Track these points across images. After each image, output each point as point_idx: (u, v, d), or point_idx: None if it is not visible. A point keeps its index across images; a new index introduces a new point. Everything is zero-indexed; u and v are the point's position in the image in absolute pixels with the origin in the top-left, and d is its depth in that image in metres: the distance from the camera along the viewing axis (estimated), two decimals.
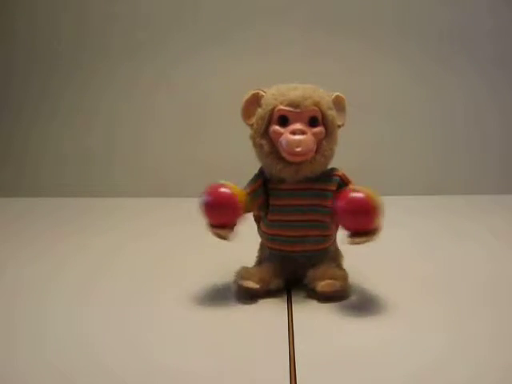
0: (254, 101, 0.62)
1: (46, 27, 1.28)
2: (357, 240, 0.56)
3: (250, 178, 0.63)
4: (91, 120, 1.31)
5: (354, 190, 0.57)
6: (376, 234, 0.56)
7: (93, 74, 1.29)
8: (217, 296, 0.63)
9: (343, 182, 0.62)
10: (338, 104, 0.63)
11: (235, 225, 0.59)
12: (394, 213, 1.06)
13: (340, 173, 0.62)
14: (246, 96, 0.62)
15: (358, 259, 0.63)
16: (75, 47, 1.29)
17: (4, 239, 0.92)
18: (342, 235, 0.62)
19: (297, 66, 1.20)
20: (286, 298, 0.62)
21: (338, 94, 0.63)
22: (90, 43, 1.28)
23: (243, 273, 0.61)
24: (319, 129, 0.60)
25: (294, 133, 0.59)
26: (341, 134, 0.63)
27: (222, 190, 0.58)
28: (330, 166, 0.63)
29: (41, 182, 1.31)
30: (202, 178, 1.28)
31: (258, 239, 0.67)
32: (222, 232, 0.58)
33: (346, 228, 0.57)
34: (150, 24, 1.27)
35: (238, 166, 0.96)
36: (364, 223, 0.56)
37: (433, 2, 1.22)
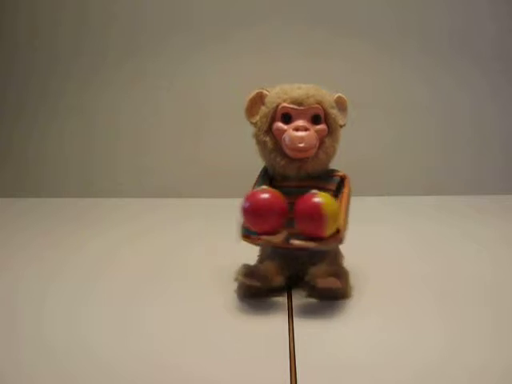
0: (258, 99, 0.63)
1: (46, 27, 1.28)
2: (296, 242, 0.56)
3: (256, 178, 0.63)
4: (91, 120, 1.31)
5: (312, 195, 0.56)
6: (325, 242, 0.56)
7: (93, 73, 1.29)
8: (218, 295, 0.63)
9: (342, 184, 0.62)
10: (340, 104, 0.64)
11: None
12: (394, 213, 1.06)
13: (341, 173, 0.63)
14: (250, 95, 0.63)
15: (358, 259, 0.63)
16: (75, 47, 1.29)
17: (4, 239, 0.92)
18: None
19: (297, 65, 1.20)
20: (286, 296, 0.62)
21: (339, 94, 0.64)
22: (90, 43, 1.28)
23: (244, 271, 0.61)
24: (322, 126, 0.61)
25: (297, 129, 0.60)
26: (341, 134, 0.63)
27: (266, 195, 0.57)
28: (332, 166, 0.63)
29: (41, 183, 1.31)
30: (201, 179, 1.29)
31: None
32: (275, 238, 0.57)
33: (299, 230, 0.57)
34: (150, 24, 1.27)
35: (237, 167, 0.96)
36: (311, 228, 0.56)
37: (434, 1, 1.22)
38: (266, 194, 0.57)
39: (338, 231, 0.57)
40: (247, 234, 0.59)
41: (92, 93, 1.30)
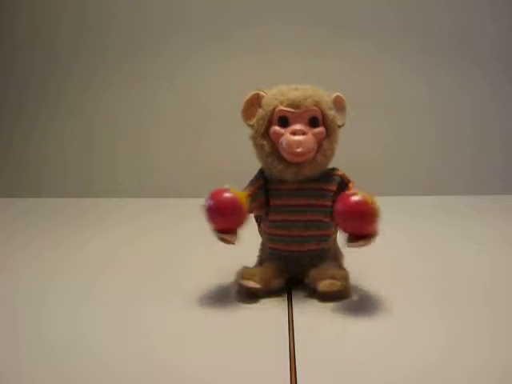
0: (255, 101, 0.62)
1: (46, 27, 1.28)
2: (354, 244, 0.56)
3: (251, 179, 0.63)
4: (91, 120, 1.31)
5: (353, 194, 0.57)
6: (373, 238, 0.57)
7: (93, 73, 1.29)
8: (218, 296, 0.63)
9: (343, 182, 0.62)
10: (338, 104, 0.63)
11: (240, 229, 0.59)
12: (394, 213, 1.06)
13: (340, 173, 0.63)
14: (247, 96, 0.62)
15: (358, 259, 0.63)
16: (75, 47, 1.29)
17: (4, 239, 0.92)
18: (342, 235, 0.62)
19: (297, 65, 1.20)
20: (286, 297, 0.62)
21: (338, 94, 0.63)
22: (90, 43, 1.28)
23: (244, 273, 0.61)
24: (320, 129, 0.60)
25: (294, 133, 0.59)
26: (341, 134, 0.63)
27: (226, 195, 0.58)
28: (331, 166, 0.63)
29: (41, 183, 1.31)
30: (201, 179, 1.29)
31: (259, 239, 0.67)
32: (227, 237, 0.58)
33: (344, 231, 0.57)
34: (150, 24, 1.27)
35: (237, 167, 0.96)
36: (361, 227, 0.56)
37: (434, 1, 1.22)
38: (225, 194, 0.58)
39: None
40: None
41: (92, 93, 1.30)
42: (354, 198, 0.56)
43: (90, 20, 1.28)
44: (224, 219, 0.58)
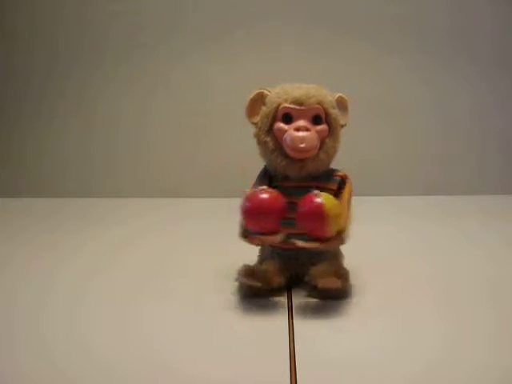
0: (259, 99, 0.63)
1: (46, 27, 1.28)
2: (300, 243, 0.56)
3: (257, 177, 0.63)
4: (91, 120, 1.31)
5: (314, 195, 0.56)
6: (328, 243, 0.57)
7: (93, 73, 1.29)
8: (218, 295, 0.63)
9: (343, 183, 0.62)
10: (341, 104, 0.64)
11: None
12: (394, 213, 1.06)
13: (342, 173, 0.63)
14: (251, 95, 0.63)
15: (358, 259, 0.63)
16: (75, 47, 1.29)
17: (4, 239, 0.92)
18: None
19: (297, 65, 1.20)
20: (286, 296, 0.62)
21: (340, 94, 0.64)
22: (90, 43, 1.28)
23: (245, 271, 0.61)
24: (322, 127, 0.61)
25: (298, 129, 0.60)
26: (342, 134, 0.63)
27: (265, 195, 0.57)
28: (332, 166, 0.63)
29: (40, 183, 1.31)
30: (202, 179, 1.29)
31: None
32: (273, 238, 0.58)
33: (302, 231, 0.57)
34: (149, 24, 1.26)
35: (238, 167, 0.96)
36: (313, 229, 0.56)
37: (434, 1, 1.22)
38: (265, 195, 0.57)
39: (340, 231, 0.57)
40: (246, 234, 0.59)
41: (92, 93, 1.30)
42: (312, 199, 0.56)
43: (90, 20, 1.27)
44: (269, 220, 0.57)
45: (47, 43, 1.29)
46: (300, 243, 0.57)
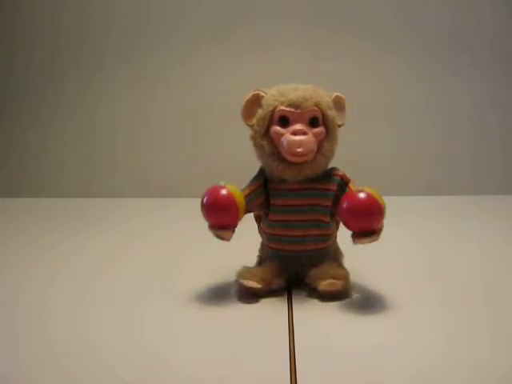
0: (255, 101, 0.62)
1: (46, 27, 1.28)
2: (362, 240, 0.56)
3: (251, 178, 0.63)
4: (91, 120, 1.31)
5: (359, 191, 0.57)
6: (379, 234, 0.57)
7: (93, 74, 1.29)
8: (218, 296, 0.63)
9: (343, 182, 0.62)
10: (338, 104, 0.63)
11: (235, 226, 0.60)
12: (395, 213, 1.06)
13: (340, 172, 0.62)
14: (247, 97, 0.62)
15: (358, 259, 0.63)
16: (75, 47, 1.29)
17: (4, 239, 0.92)
18: (341, 235, 0.62)
19: (297, 65, 1.20)
20: (286, 297, 0.62)
21: (337, 93, 0.63)
22: (90, 43, 1.28)
23: (244, 273, 0.61)
24: (320, 129, 0.60)
25: (295, 133, 0.59)
26: (341, 134, 0.63)
27: (222, 192, 0.58)
28: (331, 166, 0.63)
29: (40, 183, 1.31)
30: (202, 178, 1.28)
31: (259, 239, 0.67)
32: (221, 233, 0.59)
33: (351, 228, 0.57)
34: (149, 24, 1.27)
35: (237, 166, 0.96)
36: (369, 223, 0.56)
37: (434, 1, 1.22)
38: (222, 191, 0.58)
39: None
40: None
41: (92, 93, 1.30)
42: (362, 195, 0.56)
43: (90, 20, 1.28)
44: (219, 215, 0.59)
45: (47, 43, 1.29)
46: (364, 241, 0.56)
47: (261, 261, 0.66)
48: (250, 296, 0.61)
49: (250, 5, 1.24)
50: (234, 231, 0.59)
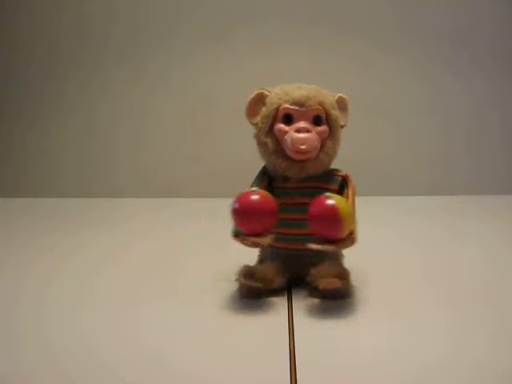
0: (259, 100, 0.62)
1: (46, 27, 1.28)
2: (313, 246, 0.56)
3: (255, 177, 0.63)
4: (91, 120, 1.31)
5: (326, 197, 0.56)
6: (341, 244, 0.56)
7: (93, 74, 1.29)
8: (218, 295, 0.63)
9: (345, 183, 0.62)
10: (341, 104, 0.64)
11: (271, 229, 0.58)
12: (394, 213, 1.06)
13: (343, 173, 0.63)
14: (251, 95, 0.63)
15: (358, 259, 0.63)
16: (75, 47, 1.29)
17: (4, 239, 0.92)
18: None
19: (297, 65, 1.20)
20: (286, 296, 0.62)
21: (340, 94, 0.64)
22: (90, 43, 1.28)
23: (245, 271, 0.61)
24: (323, 128, 0.61)
25: (298, 131, 0.59)
26: (342, 134, 0.63)
27: (256, 197, 0.57)
28: (332, 166, 0.63)
29: (40, 183, 1.31)
30: (203, 179, 1.29)
31: None
32: (263, 240, 0.57)
33: (313, 233, 0.57)
34: (149, 24, 1.27)
35: (238, 166, 0.96)
36: (327, 231, 0.56)
37: (434, 1, 1.22)
38: (255, 196, 0.57)
39: (351, 232, 0.57)
40: (238, 234, 0.58)
41: (92, 93, 1.30)
42: (325, 202, 0.56)
43: (90, 20, 1.27)
44: (259, 221, 0.57)
45: (47, 43, 1.29)
46: (314, 246, 0.56)
47: (261, 260, 0.66)
48: (250, 295, 0.61)
49: (250, 5, 1.24)
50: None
